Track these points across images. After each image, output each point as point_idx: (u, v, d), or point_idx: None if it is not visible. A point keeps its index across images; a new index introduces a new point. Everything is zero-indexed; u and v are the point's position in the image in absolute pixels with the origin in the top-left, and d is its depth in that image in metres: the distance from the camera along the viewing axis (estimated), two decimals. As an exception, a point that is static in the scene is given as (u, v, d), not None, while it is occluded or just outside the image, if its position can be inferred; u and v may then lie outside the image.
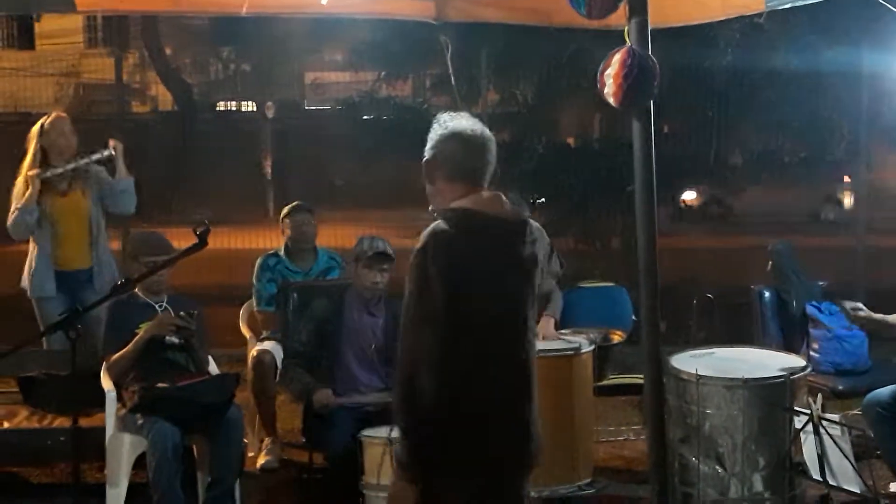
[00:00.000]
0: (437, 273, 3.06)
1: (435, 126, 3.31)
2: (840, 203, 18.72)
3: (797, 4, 4.74)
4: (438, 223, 3.15)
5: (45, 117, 6.48)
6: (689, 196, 10.24)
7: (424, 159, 3.30)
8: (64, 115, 6.62)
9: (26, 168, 6.32)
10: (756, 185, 10.41)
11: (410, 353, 3.10)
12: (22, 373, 5.78)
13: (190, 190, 20.44)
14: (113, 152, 6.36)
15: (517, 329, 3.22)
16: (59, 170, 6.28)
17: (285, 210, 6.73)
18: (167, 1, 5.14)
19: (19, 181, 6.33)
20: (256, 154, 21.92)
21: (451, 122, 3.30)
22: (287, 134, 22.22)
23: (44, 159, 6.33)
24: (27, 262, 6.39)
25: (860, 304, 5.58)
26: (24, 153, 6.38)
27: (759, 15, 4.91)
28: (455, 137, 3.27)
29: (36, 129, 6.39)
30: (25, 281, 6.38)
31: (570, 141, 10.54)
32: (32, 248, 6.38)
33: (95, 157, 6.34)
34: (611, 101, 3.98)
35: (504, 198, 3.26)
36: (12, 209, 6.28)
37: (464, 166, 3.26)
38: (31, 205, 6.22)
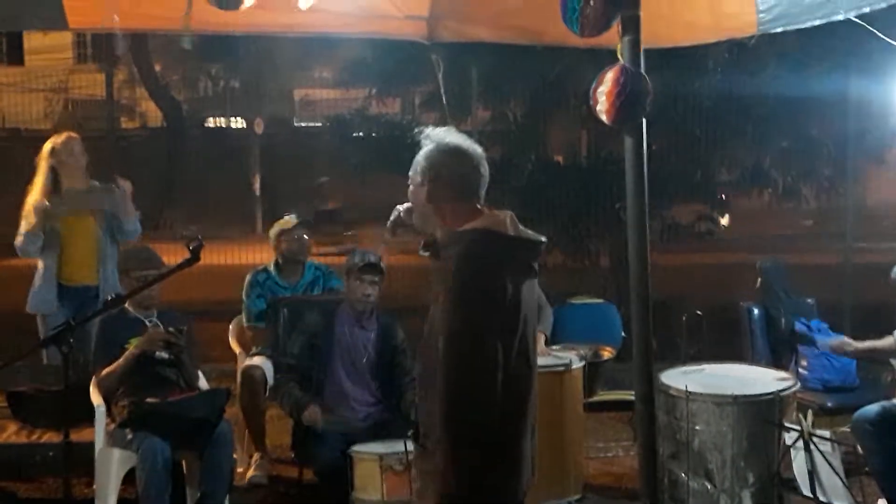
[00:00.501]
0: (476, 296, 3.01)
1: (429, 143, 3.25)
2: (714, 220, 18.87)
3: (788, 28, 4.75)
4: (468, 245, 3.07)
5: (56, 137, 6.52)
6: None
7: (428, 178, 3.20)
8: (74, 135, 6.62)
9: (37, 188, 6.34)
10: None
11: (454, 377, 3.00)
12: (12, 387, 5.76)
13: (179, 206, 20.43)
14: (122, 192, 6.40)
15: (533, 347, 3.21)
16: (65, 209, 6.32)
17: (283, 224, 6.67)
18: (161, 20, 5.11)
19: (29, 200, 6.35)
20: (245, 170, 21.93)
21: (448, 137, 3.25)
22: (276, 150, 22.22)
23: (55, 179, 6.37)
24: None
25: (848, 339, 5.64)
26: (34, 172, 6.41)
27: (750, 37, 4.93)
28: (458, 154, 3.22)
29: (47, 148, 6.41)
30: (34, 301, 6.40)
31: (559, 158, 10.57)
32: (39, 266, 6.42)
33: (105, 203, 6.40)
34: (604, 118, 4.00)
35: (515, 218, 3.19)
36: (21, 230, 6.32)
37: (469, 184, 3.21)
38: (36, 233, 6.27)
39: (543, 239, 3.23)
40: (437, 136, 3.28)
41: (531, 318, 3.18)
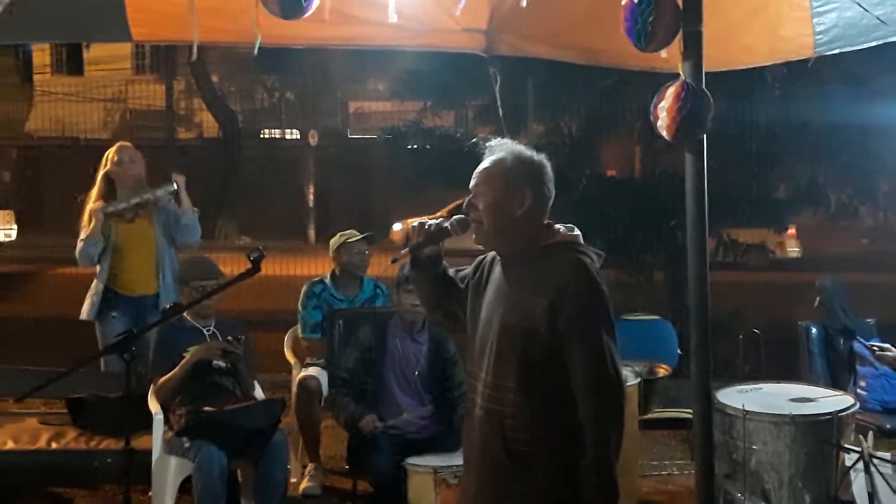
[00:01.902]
0: (608, 303, 3.08)
1: (503, 154, 3.22)
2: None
3: (845, 50, 4.73)
4: (581, 257, 3.13)
5: (112, 148, 6.55)
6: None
7: (526, 191, 3.17)
8: (128, 144, 6.67)
9: (92, 198, 6.39)
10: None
11: (617, 388, 3.06)
12: (72, 394, 5.83)
13: (233, 216, 20.66)
14: (176, 187, 6.42)
15: None
16: (122, 205, 6.34)
17: (345, 237, 6.67)
18: (223, 32, 5.16)
19: (87, 209, 6.39)
20: (299, 181, 22.09)
21: (526, 150, 3.25)
22: (330, 162, 22.37)
23: (110, 188, 6.41)
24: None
25: (888, 346, 5.55)
26: (93, 181, 6.46)
27: (807, 59, 4.90)
28: (544, 168, 3.25)
29: (104, 159, 6.47)
30: (85, 308, 6.42)
31: (613, 173, 10.54)
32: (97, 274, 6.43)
33: (159, 192, 6.41)
34: (664, 133, 3.99)
35: None
36: (80, 238, 6.34)
37: (550, 198, 3.25)
38: (95, 237, 6.27)
39: (603, 254, 3.31)
40: (510, 147, 3.25)
41: None
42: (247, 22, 4.30)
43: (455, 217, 3.32)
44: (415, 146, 10.51)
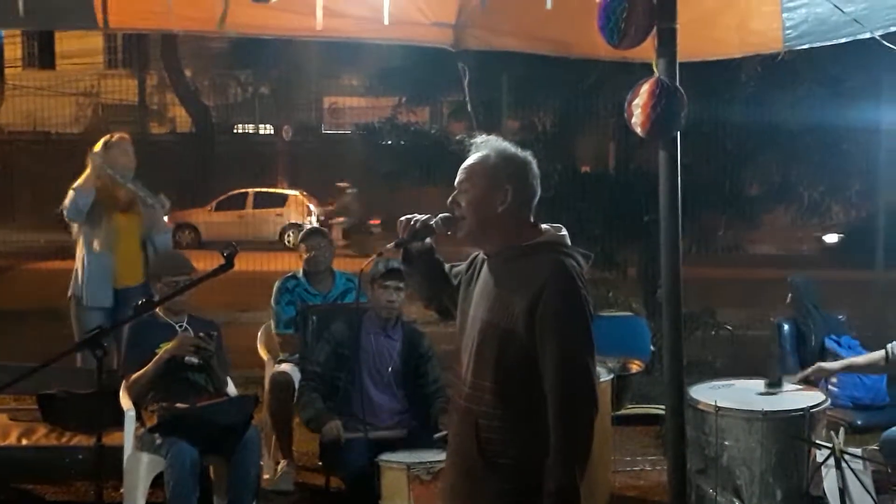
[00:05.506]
0: (583, 309, 3.05)
1: (485, 151, 3.21)
2: None
3: (814, 45, 4.76)
4: (563, 259, 3.09)
5: (110, 136, 6.64)
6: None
7: (506, 187, 3.14)
8: (126, 136, 6.75)
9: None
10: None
11: (588, 394, 3.03)
12: (42, 390, 5.78)
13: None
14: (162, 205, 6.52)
15: None
16: (123, 182, 6.42)
17: (301, 234, 6.79)
18: (192, 21, 5.11)
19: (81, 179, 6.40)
20: (273, 177, 22.02)
21: (508, 146, 3.23)
22: (304, 157, 22.33)
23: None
24: (77, 271, 6.46)
25: (822, 364, 5.60)
26: (68, 174, 6.49)
27: (777, 53, 4.91)
28: (528, 164, 3.22)
29: (100, 145, 6.51)
30: (77, 289, 6.40)
31: (588, 169, 10.53)
32: (84, 258, 6.43)
33: (148, 200, 6.49)
34: (638, 130, 3.99)
35: None
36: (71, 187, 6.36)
37: (534, 196, 3.22)
38: (87, 186, 6.31)
39: (591, 255, 3.26)
40: (495, 144, 3.24)
41: None
42: (214, 10, 4.28)
43: (440, 215, 3.31)
44: (388, 142, 10.47)
